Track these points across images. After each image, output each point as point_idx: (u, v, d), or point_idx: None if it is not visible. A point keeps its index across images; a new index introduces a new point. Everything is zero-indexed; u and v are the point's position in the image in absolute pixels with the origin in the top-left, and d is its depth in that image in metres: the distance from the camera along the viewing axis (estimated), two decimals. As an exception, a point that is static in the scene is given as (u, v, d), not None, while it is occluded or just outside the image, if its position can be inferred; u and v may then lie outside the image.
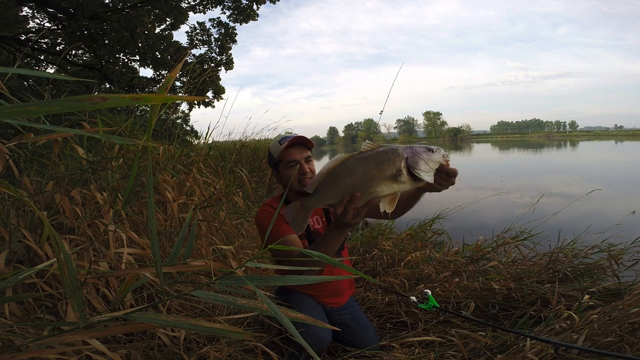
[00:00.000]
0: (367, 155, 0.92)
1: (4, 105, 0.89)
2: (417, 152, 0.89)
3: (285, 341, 1.39)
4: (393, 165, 0.89)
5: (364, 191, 0.91)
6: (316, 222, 1.46)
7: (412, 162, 0.88)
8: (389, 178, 0.89)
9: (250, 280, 0.47)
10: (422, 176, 0.88)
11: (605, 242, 2.18)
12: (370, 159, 0.90)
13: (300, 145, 1.39)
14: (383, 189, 0.90)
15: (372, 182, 0.90)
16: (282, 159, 1.38)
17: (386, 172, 0.89)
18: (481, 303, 1.85)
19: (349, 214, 0.94)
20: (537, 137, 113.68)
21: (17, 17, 7.42)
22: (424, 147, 0.91)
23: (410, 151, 0.90)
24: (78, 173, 1.43)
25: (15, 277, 0.62)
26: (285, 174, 1.39)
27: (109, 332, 0.47)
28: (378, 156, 0.90)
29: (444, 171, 0.92)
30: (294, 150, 1.38)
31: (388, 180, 0.90)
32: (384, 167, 0.89)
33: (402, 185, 0.90)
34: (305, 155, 1.39)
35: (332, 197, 0.95)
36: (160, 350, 1.14)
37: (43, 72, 0.86)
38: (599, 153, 26.75)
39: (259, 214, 1.40)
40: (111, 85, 7.58)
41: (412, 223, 2.94)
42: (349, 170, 0.92)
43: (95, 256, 1.26)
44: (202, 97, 0.31)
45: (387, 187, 0.90)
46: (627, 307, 1.33)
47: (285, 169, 1.39)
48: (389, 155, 0.89)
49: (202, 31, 8.60)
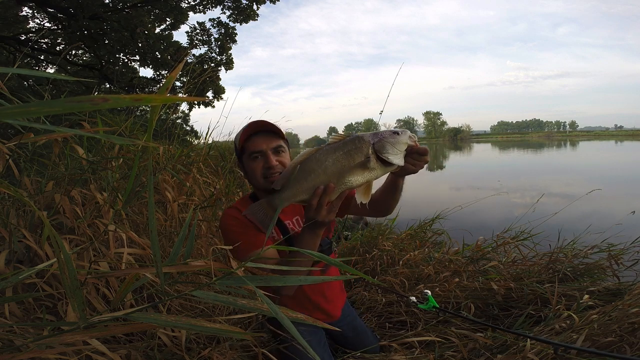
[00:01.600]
0: (334, 146, 0.90)
1: (4, 105, 0.89)
2: (382, 137, 0.89)
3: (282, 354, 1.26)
4: (361, 153, 0.88)
5: (337, 182, 0.89)
6: (296, 223, 1.25)
7: (379, 147, 0.88)
8: (359, 166, 0.88)
9: (250, 281, 0.47)
10: (391, 159, 0.87)
11: (605, 242, 2.19)
12: (339, 149, 0.89)
13: (267, 132, 1.14)
14: (355, 178, 0.89)
15: (343, 173, 0.89)
16: (245, 149, 1.15)
17: (355, 161, 0.88)
18: (481, 303, 1.85)
19: (323, 208, 0.89)
20: (537, 137, 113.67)
21: (17, 17, 7.42)
22: (389, 131, 0.90)
23: (376, 136, 0.89)
24: (78, 173, 1.43)
25: (15, 277, 0.62)
26: (249, 166, 1.15)
27: (109, 332, 0.47)
28: (345, 145, 0.89)
29: (413, 151, 0.91)
30: (259, 139, 1.13)
31: (359, 169, 0.88)
32: (352, 156, 0.88)
33: (374, 171, 0.89)
34: (274, 145, 1.13)
35: (304, 192, 0.91)
36: (161, 350, 1.14)
37: (43, 72, 0.86)
38: (598, 153, 26.76)
39: (224, 220, 1.15)
40: (111, 85, 7.59)
41: (412, 223, 2.94)
42: (319, 162, 0.90)
43: (95, 256, 1.26)
44: (202, 98, 0.31)
45: (359, 176, 0.89)
46: (627, 307, 1.33)
47: (248, 160, 1.14)
48: (355, 144, 0.89)
49: (202, 31, 8.61)
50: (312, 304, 1.28)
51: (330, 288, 1.35)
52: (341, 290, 1.45)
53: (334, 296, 1.36)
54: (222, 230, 1.17)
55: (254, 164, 1.13)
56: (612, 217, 2.41)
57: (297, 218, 1.26)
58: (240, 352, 1.26)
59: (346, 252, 2.59)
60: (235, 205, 1.21)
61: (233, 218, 1.14)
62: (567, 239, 2.33)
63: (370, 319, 1.85)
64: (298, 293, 1.24)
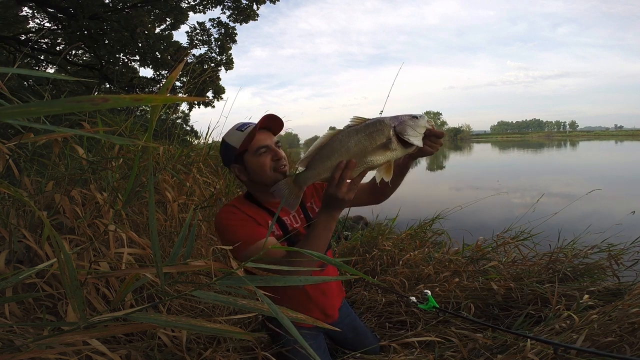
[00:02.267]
0: (356, 128, 0.94)
1: (4, 105, 0.89)
2: (403, 120, 0.94)
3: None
4: (382, 135, 0.93)
5: (359, 161, 0.93)
6: (294, 219, 1.25)
7: (400, 129, 0.92)
8: (380, 147, 0.93)
9: (250, 281, 0.47)
10: (412, 141, 0.92)
11: (605, 242, 2.18)
12: (361, 131, 0.93)
13: (265, 130, 1.18)
14: (377, 158, 0.94)
15: (365, 153, 0.93)
16: (249, 146, 1.15)
17: (377, 142, 0.93)
18: (481, 303, 1.85)
19: (344, 184, 0.92)
20: (537, 137, 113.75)
21: (17, 17, 7.42)
22: (409, 115, 0.95)
23: (397, 120, 0.94)
24: (78, 173, 1.43)
25: (15, 277, 0.62)
26: (256, 162, 1.14)
27: (109, 332, 0.47)
28: (367, 128, 0.93)
29: (431, 134, 0.97)
30: (261, 135, 1.15)
31: (380, 149, 0.93)
32: (374, 138, 0.93)
33: (395, 152, 0.94)
34: (274, 139, 1.19)
35: (327, 170, 0.95)
36: (161, 350, 1.14)
37: (43, 72, 0.86)
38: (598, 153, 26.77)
39: (220, 215, 1.13)
40: (111, 85, 7.59)
41: (412, 223, 2.94)
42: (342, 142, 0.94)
43: (96, 256, 1.26)
44: (202, 98, 0.31)
45: (380, 156, 0.94)
46: (627, 307, 1.33)
47: (255, 157, 1.14)
48: (377, 126, 0.93)
49: (202, 31, 8.61)
50: (312, 303, 1.27)
51: (329, 288, 1.34)
52: (340, 290, 1.44)
53: (332, 296, 1.36)
54: (219, 226, 1.12)
55: (262, 159, 1.13)
56: (612, 217, 2.41)
57: (295, 215, 1.25)
58: (242, 354, 1.26)
59: (346, 252, 2.58)
60: (230, 203, 1.19)
61: (230, 212, 1.13)
62: (567, 239, 2.33)
63: (370, 319, 1.85)
64: (297, 292, 1.24)
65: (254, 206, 1.18)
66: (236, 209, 1.13)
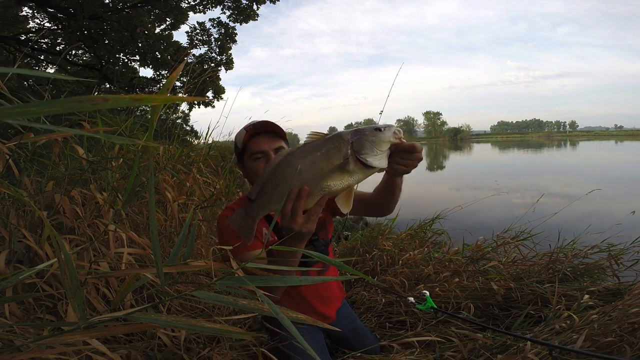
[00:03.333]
0: (312, 145, 0.78)
1: (4, 105, 0.89)
2: (362, 135, 0.76)
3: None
4: (339, 154, 0.75)
5: (315, 188, 0.77)
6: None
7: (357, 147, 0.75)
8: (337, 169, 0.76)
9: (250, 281, 0.47)
10: (370, 162, 0.74)
11: (605, 242, 2.18)
12: (316, 150, 0.77)
13: (269, 133, 1.14)
14: (334, 182, 0.76)
15: (320, 176, 0.76)
16: (246, 148, 1.14)
17: (333, 163, 0.75)
18: (481, 303, 1.85)
19: (298, 216, 0.77)
20: (537, 137, 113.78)
21: (17, 17, 7.42)
22: (371, 128, 0.78)
23: (356, 134, 0.77)
24: (78, 173, 1.43)
25: (15, 277, 0.62)
26: (250, 167, 1.14)
27: (109, 333, 0.47)
28: (324, 145, 0.77)
29: (399, 149, 0.79)
30: (261, 139, 1.12)
31: (337, 172, 0.76)
32: (330, 157, 0.76)
33: (354, 175, 0.76)
34: (276, 145, 1.13)
35: (278, 201, 0.78)
36: (160, 350, 1.14)
37: (43, 72, 0.86)
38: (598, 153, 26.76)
39: (219, 222, 1.14)
40: (111, 85, 7.59)
41: (412, 223, 2.94)
42: (293, 165, 0.77)
43: (95, 256, 1.26)
44: (202, 98, 0.31)
45: (337, 180, 0.76)
46: (627, 307, 1.33)
47: (250, 160, 1.13)
48: (333, 143, 0.76)
49: (202, 31, 8.62)
50: (307, 305, 1.27)
51: (329, 289, 1.34)
52: (340, 291, 1.44)
53: (331, 297, 1.35)
54: (217, 231, 1.15)
55: (255, 164, 1.12)
56: (612, 217, 2.41)
57: None
58: (240, 351, 1.26)
59: (346, 252, 2.59)
60: (231, 206, 1.19)
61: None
62: (567, 239, 2.33)
63: (370, 319, 1.85)
64: (293, 293, 1.24)
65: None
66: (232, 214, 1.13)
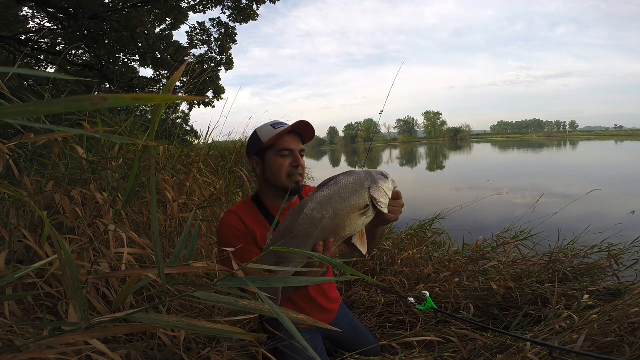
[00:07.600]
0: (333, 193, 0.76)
1: (4, 105, 0.89)
2: (376, 181, 0.78)
3: None
4: (361, 200, 0.76)
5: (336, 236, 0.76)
6: None
7: (374, 194, 0.77)
8: (359, 216, 0.76)
9: (251, 282, 0.47)
10: (384, 209, 0.77)
11: (605, 242, 2.18)
12: (339, 199, 0.75)
13: (297, 135, 1.17)
14: (353, 229, 0.77)
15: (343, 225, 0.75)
16: (274, 144, 1.15)
17: (356, 210, 0.76)
18: (481, 303, 1.85)
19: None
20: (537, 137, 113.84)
21: (17, 17, 7.42)
22: (380, 175, 0.80)
23: (371, 180, 0.78)
24: (78, 173, 1.43)
25: (12, 275, 0.62)
26: (274, 162, 1.14)
27: (110, 333, 0.47)
28: (347, 195, 0.76)
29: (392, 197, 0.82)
30: (292, 138, 1.15)
31: (358, 219, 0.76)
32: (353, 206, 0.76)
33: (368, 219, 0.78)
34: (301, 147, 1.17)
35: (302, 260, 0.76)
36: (160, 350, 1.14)
37: (43, 72, 0.86)
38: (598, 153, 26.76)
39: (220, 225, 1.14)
40: (111, 85, 7.59)
41: (412, 223, 2.94)
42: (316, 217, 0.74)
43: (96, 256, 1.26)
44: (202, 97, 0.31)
45: (355, 226, 0.76)
46: (627, 307, 1.33)
47: (276, 156, 1.14)
48: (356, 190, 0.76)
49: (202, 31, 8.61)
50: (315, 303, 1.29)
51: (331, 290, 1.39)
52: (338, 292, 1.48)
53: (333, 297, 1.39)
54: (217, 234, 1.15)
55: (281, 160, 1.13)
56: (612, 217, 2.41)
57: None
58: (240, 351, 1.26)
59: (346, 252, 2.58)
60: (234, 209, 1.17)
61: (229, 226, 1.12)
62: (567, 239, 2.33)
63: (369, 319, 1.85)
64: (300, 294, 1.26)
65: (257, 212, 1.18)
66: (237, 220, 1.13)
